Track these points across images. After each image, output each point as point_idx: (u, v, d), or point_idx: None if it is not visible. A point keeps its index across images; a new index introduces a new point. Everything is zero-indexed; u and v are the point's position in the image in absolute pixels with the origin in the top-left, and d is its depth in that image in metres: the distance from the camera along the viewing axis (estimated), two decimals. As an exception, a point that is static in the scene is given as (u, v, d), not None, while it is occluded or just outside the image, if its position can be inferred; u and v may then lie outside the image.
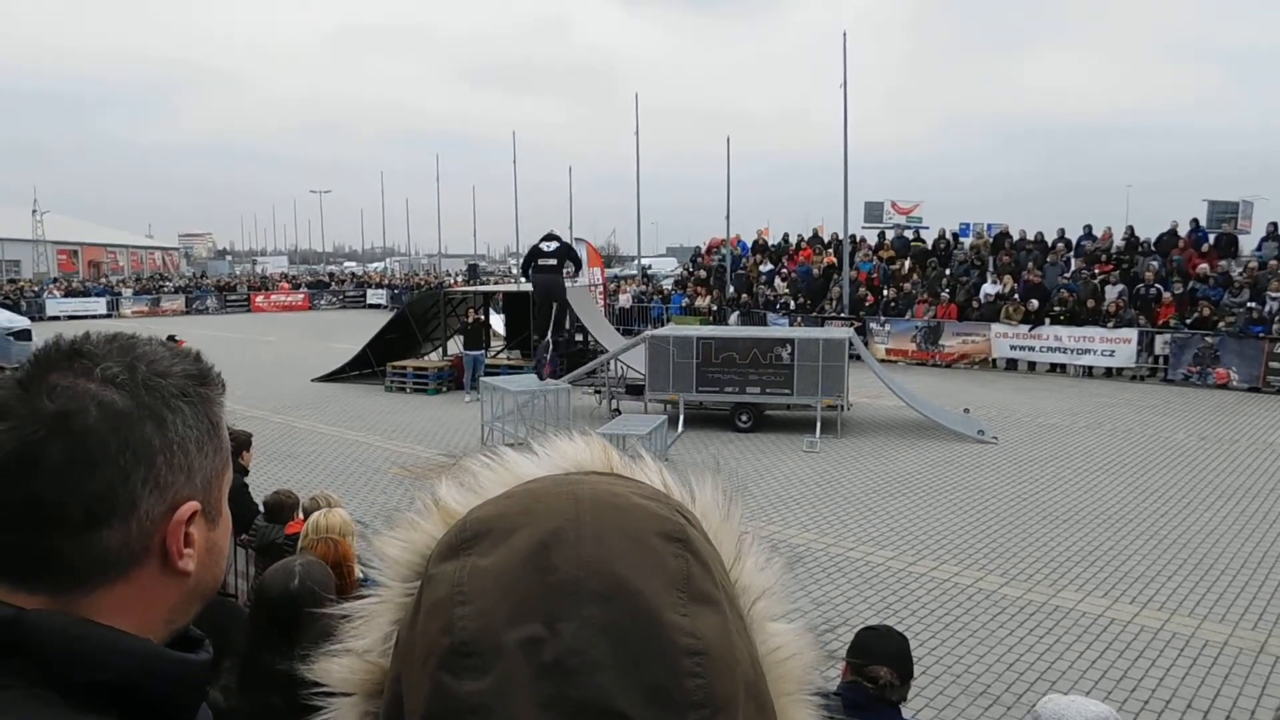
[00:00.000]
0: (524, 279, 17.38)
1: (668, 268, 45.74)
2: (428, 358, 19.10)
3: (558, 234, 12.95)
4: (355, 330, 25.10)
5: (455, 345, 19.03)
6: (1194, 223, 21.50)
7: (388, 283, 51.07)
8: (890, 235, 25.84)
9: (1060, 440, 12.50)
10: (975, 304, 20.78)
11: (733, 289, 26.13)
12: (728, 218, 28.80)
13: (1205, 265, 19.60)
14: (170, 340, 0.87)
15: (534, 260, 15.31)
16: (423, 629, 0.46)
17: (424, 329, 19.30)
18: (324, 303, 45.52)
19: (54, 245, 58.92)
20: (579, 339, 17.01)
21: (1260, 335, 17.26)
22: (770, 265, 26.47)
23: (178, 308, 40.69)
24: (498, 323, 20.56)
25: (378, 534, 0.55)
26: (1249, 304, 17.98)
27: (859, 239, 25.61)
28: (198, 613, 0.85)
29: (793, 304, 24.20)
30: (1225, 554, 7.82)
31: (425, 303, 20.16)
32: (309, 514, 4.17)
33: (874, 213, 27.98)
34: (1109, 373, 18.81)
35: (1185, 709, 5.23)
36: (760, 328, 20.05)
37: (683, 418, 13.30)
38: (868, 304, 22.83)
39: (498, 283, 37.77)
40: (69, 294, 40.36)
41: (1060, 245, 22.17)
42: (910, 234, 25.94)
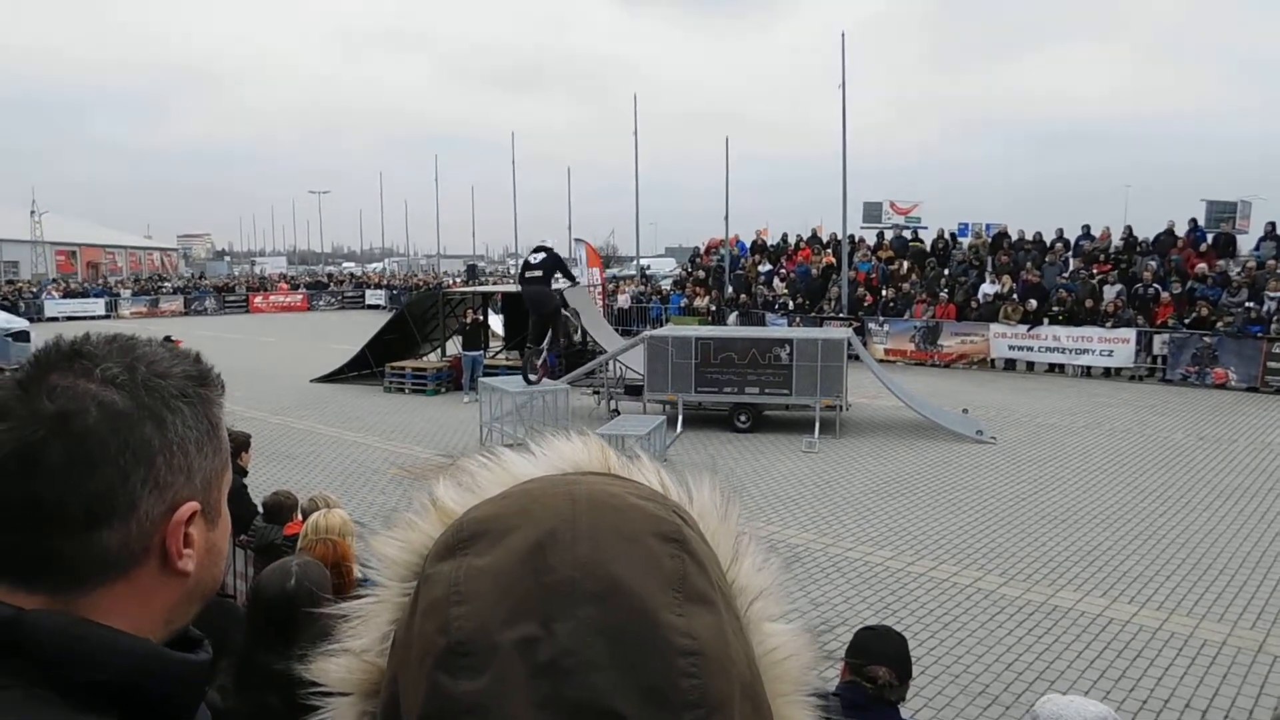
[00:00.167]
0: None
1: (666, 268, 45.70)
2: (426, 358, 19.10)
3: (547, 244, 12.83)
4: (354, 331, 25.07)
5: (454, 346, 19.03)
6: (1192, 222, 21.52)
7: (386, 283, 51.04)
8: (889, 235, 25.86)
9: (1059, 440, 12.51)
10: (974, 304, 20.79)
11: (731, 289, 26.13)
12: (726, 218, 28.83)
13: (1203, 265, 19.61)
14: (167, 341, 0.87)
15: (523, 272, 15.29)
16: (419, 629, 0.46)
17: (423, 330, 19.30)
18: (323, 303, 45.51)
19: (52, 246, 58.82)
20: (577, 340, 17.00)
21: (1258, 335, 17.28)
22: (769, 265, 26.47)
23: (176, 308, 40.67)
24: (496, 323, 20.55)
25: (375, 534, 0.55)
26: (1247, 304, 18.00)
27: (858, 239, 25.63)
28: (197, 613, 0.85)
29: (791, 304, 24.20)
30: (1224, 554, 7.83)
31: (424, 303, 20.16)
32: (308, 515, 4.17)
33: (872, 213, 27.99)
34: (1107, 373, 18.82)
35: (1184, 708, 5.23)
36: (759, 328, 20.06)
37: (681, 418, 13.30)
38: (866, 304, 22.84)
39: (496, 283, 37.74)
40: (68, 295, 40.31)
41: (1058, 245, 22.19)
42: (909, 234, 25.96)
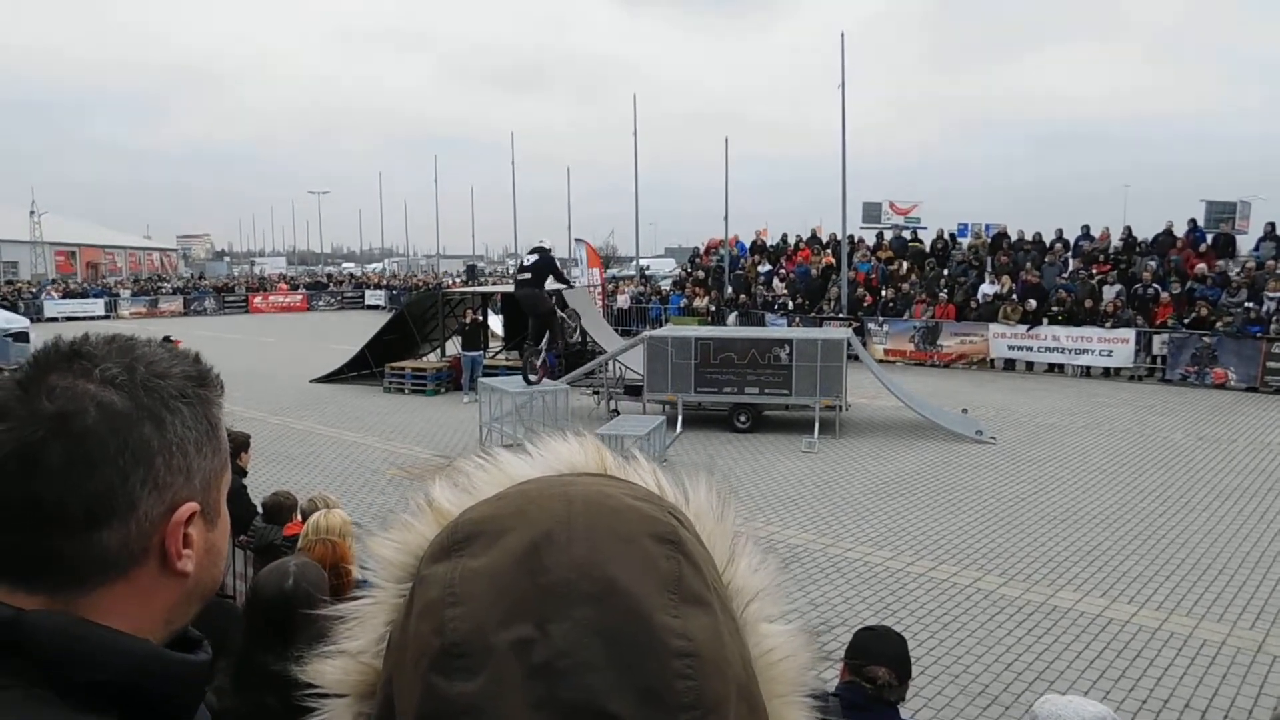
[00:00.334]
0: None
1: (666, 268, 45.72)
2: (426, 359, 19.10)
3: (545, 245, 12.71)
4: (353, 331, 25.07)
5: (453, 346, 19.03)
6: (1192, 223, 21.50)
7: (386, 284, 51.03)
8: (888, 236, 25.85)
9: (1058, 440, 12.51)
10: (973, 304, 20.79)
11: (731, 289, 26.13)
12: (726, 218, 28.81)
13: (1203, 265, 19.61)
14: (166, 341, 0.87)
15: (517, 274, 15.26)
16: (415, 630, 0.46)
17: (422, 330, 19.30)
18: (322, 304, 45.52)
19: (52, 246, 58.82)
20: (576, 340, 16.97)
21: (1258, 335, 17.28)
22: (768, 266, 26.46)
23: (176, 309, 40.67)
24: (496, 324, 20.55)
25: (371, 535, 0.55)
26: (1246, 304, 18.00)
27: (857, 239, 25.63)
28: (196, 613, 0.85)
29: (791, 304, 24.19)
30: (1223, 554, 7.83)
31: (423, 304, 20.16)
32: (307, 515, 4.17)
33: (872, 213, 27.99)
34: (1107, 373, 18.82)
35: (1183, 708, 5.23)
36: (758, 328, 20.06)
37: (681, 418, 13.30)
38: (866, 304, 22.84)
39: (496, 284, 37.74)
40: (67, 295, 40.33)
41: (1058, 245, 22.18)
42: (908, 234, 25.96)
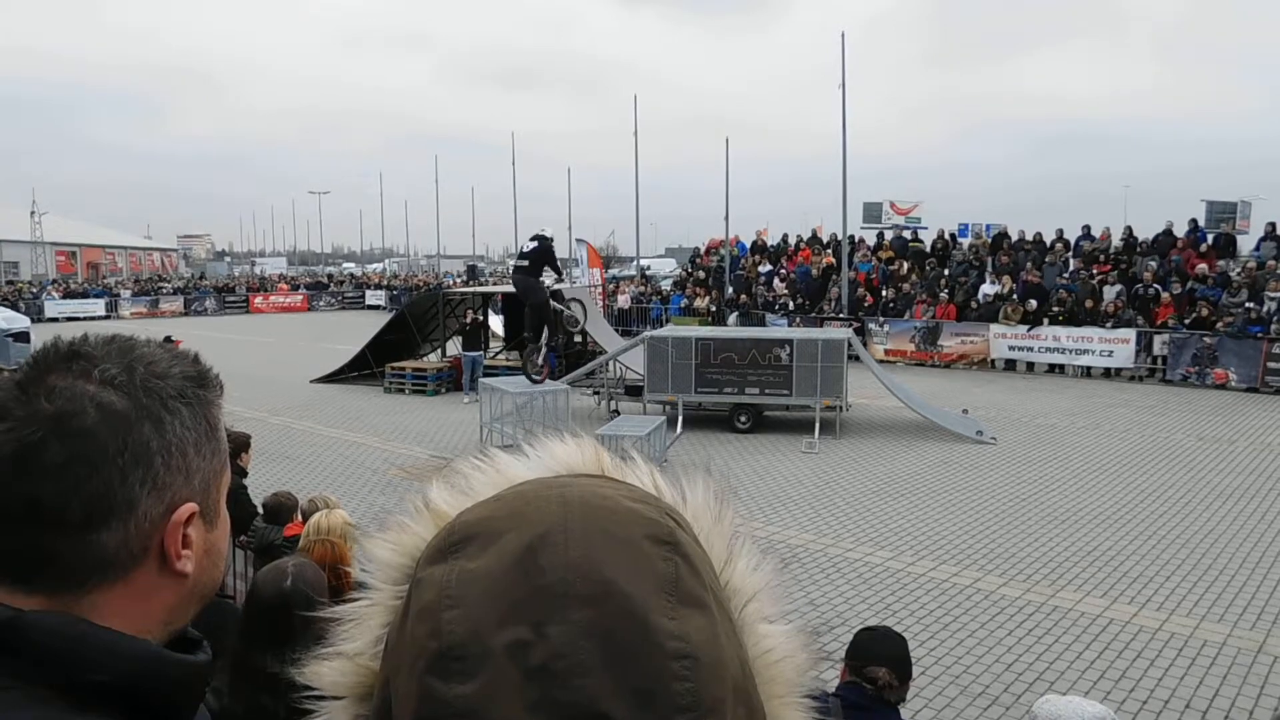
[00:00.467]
0: None
1: (666, 268, 45.72)
2: (427, 359, 19.10)
3: (546, 233, 12.60)
4: (354, 331, 25.06)
5: (454, 346, 19.03)
6: (1192, 223, 21.49)
7: (387, 284, 51.03)
8: (889, 236, 25.85)
9: (1059, 441, 12.50)
10: (974, 304, 20.78)
11: (731, 290, 26.12)
12: (726, 218, 28.81)
13: (1204, 265, 19.60)
14: (167, 341, 0.87)
15: (516, 261, 15.18)
16: (411, 632, 0.46)
17: (423, 330, 19.30)
18: (323, 304, 45.51)
19: (52, 246, 58.89)
20: (576, 340, 16.98)
21: (1258, 335, 17.26)
22: (769, 266, 26.46)
23: (176, 309, 40.67)
24: (496, 324, 20.55)
25: (368, 536, 0.55)
26: (1247, 304, 17.99)
27: (858, 240, 25.62)
28: (196, 614, 0.85)
29: (791, 305, 24.19)
30: (1224, 554, 7.82)
31: (424, 304, 20.16)
32: (307, 516, 4.17)
33: (873, 213, 28.00)
34: (1107, 373, 18.81)
35: (1184, 709, 5.23)
36: (759, 328, 20.04)
37: (681, 418, 13.29)
38: (866, 304, 22.83)
39: (496, 284, 37.76)
40: (68, 295, 40.33)
41: (1059, 245, 22.17)
42: (909, 234, 25.96)
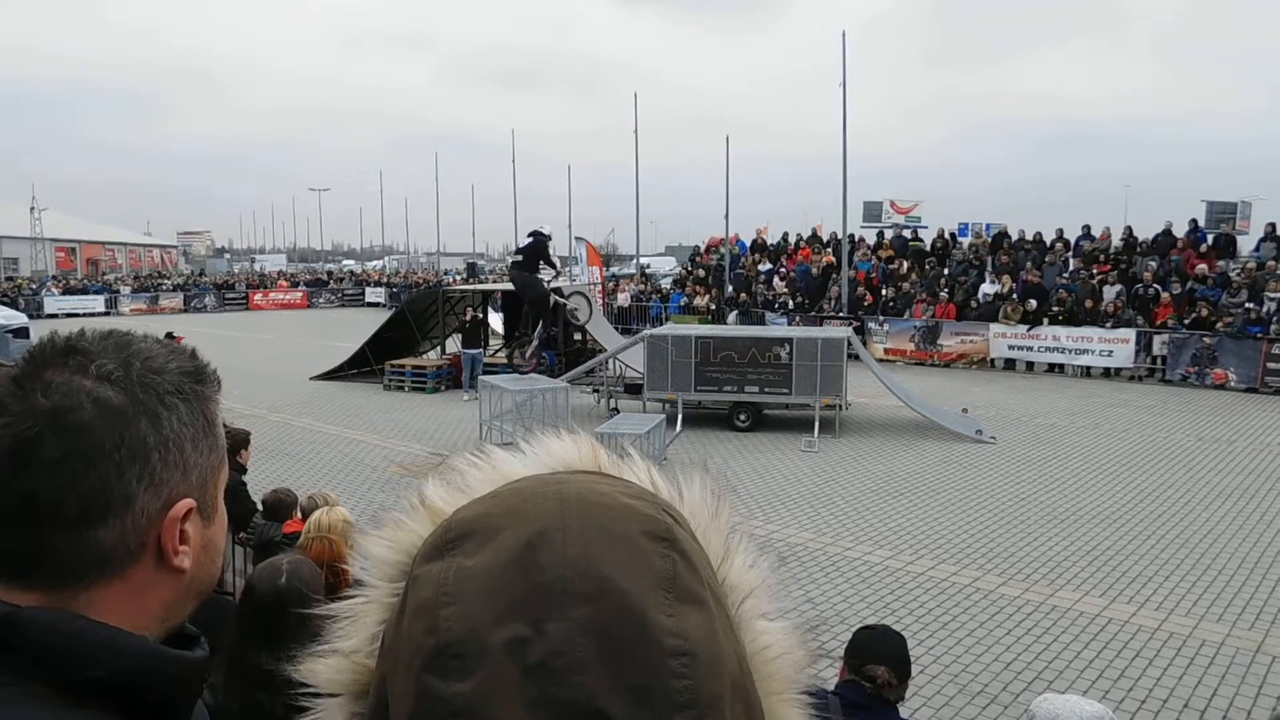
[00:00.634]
0: None
1: (666, 267, 45.70)
2: (426, 356, 19.10)
3: (543, 230, 12.61)
4: (354, 328, 25.07)
5: (454, 344, 19.02)
6: (1192, 223, 21.47)
7: (386, 281, 51.04)
8: (889, 235, 25.84)
9: (1058, 440, 12.50)
10: (974, 304, 20.78)
11: (731, 288, 26.11)
12: (726, 217, 28.77)
13: (1204, 266, 19.59)
14: (169, 337, 0.87)
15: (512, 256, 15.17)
16: (408, 630, 0.46)
17: (422, 327, 19.30)
18: (322, 301, 45.53)
19: (52, 243, 58.90)
20: (576, 338, 16.97)
21: (1258, 336, 17.26)
22: (769, 265, 26.45)
23: (176, 305, 40.68)
24: (496, 321, 20.54)
25: (364, 533, 0.55)
26: (1247, 304, 17.98)
27: (858, 238, 25.62)
28: (194, 610, 0.85)
29: (791, 303, 24.19)
30: (1223, 554, 7.83)
31: (424, 301, 20.15)
32: (307, 513, 4.18)
33: (873, 212, 27.97)
34: (1107, 373, 18.81)
35: (1182, 708, 5.23)
36: (759, 327, 20.05)
37: (681, 417, 13.29)
38: (866, 303, 22.83)
39: (496, 281, 37.76)
40: (67, 291, 40.36)
41: (1058, 245, 22.16)
42: (909, 234, 25.94)
